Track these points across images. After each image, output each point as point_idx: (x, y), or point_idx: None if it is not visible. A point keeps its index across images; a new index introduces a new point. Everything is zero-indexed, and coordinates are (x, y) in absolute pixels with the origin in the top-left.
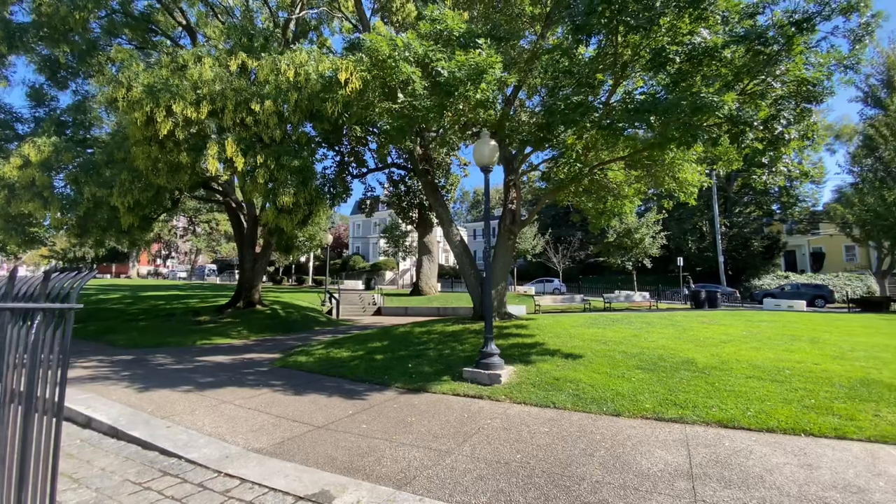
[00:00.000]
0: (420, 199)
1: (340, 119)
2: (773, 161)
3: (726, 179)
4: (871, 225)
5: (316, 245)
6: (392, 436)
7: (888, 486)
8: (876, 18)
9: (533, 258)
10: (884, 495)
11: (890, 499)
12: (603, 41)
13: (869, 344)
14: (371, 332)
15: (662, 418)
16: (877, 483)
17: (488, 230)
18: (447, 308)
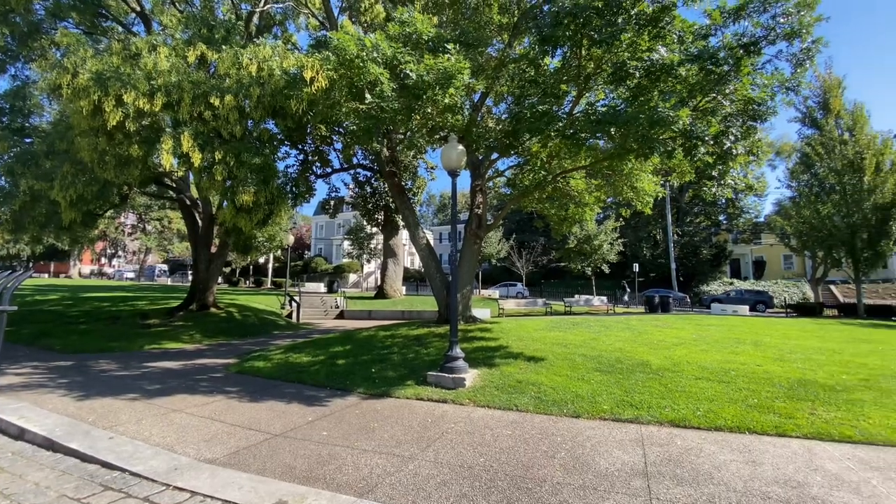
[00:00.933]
0: (386, 200)
1: (305, 117)
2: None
3: (679, 190)
4: (806, 236)
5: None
6: (354, 442)
7: (824, 480)
8: (816, 44)
9: (498, 262)
10: (821, 489)
11: (827, 493)
12: (568, 53)
13: (805, 347)
14: (333, 337)
15: (619, 419)
16: (814, 478)
17: (455, 234)
18: (412, 311)
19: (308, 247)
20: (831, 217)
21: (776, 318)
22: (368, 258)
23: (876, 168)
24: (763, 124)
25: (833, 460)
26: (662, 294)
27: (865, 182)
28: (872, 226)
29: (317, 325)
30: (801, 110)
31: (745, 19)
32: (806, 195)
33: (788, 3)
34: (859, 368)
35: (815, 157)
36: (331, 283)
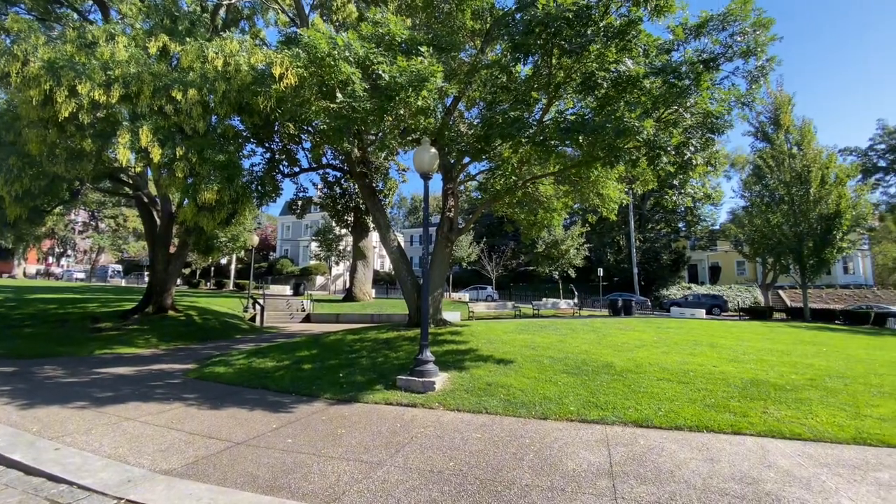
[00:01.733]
0: (356, 202)
1: (273, 115)
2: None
3: (641, 198)
4: (757, 243)
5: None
6: (320, 449)
7: (777, 476)
8: (770, 62)
9: (468, 266)
10: (774, 485)
11: (780, 488)
12: (539, 61)
13: (757, 348)
14: (299, 341)
15: (586, 420)
16: (768, 474)
17: (427, 237)
18: (381, 315)
19: (273, 248)
20: (780, 226)
21: (730, 321)
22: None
23: (821, 181)
24: (720, 137)
25: (785, 457)
26: (625, 298)
27: (811, 193)
28: (817, 234)
29: (282, 328)
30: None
31: (705, 36)
32: (758, 205)
33: (745, 22)
34: (806, 369)
35: (767, 170)
36: (297, 285)
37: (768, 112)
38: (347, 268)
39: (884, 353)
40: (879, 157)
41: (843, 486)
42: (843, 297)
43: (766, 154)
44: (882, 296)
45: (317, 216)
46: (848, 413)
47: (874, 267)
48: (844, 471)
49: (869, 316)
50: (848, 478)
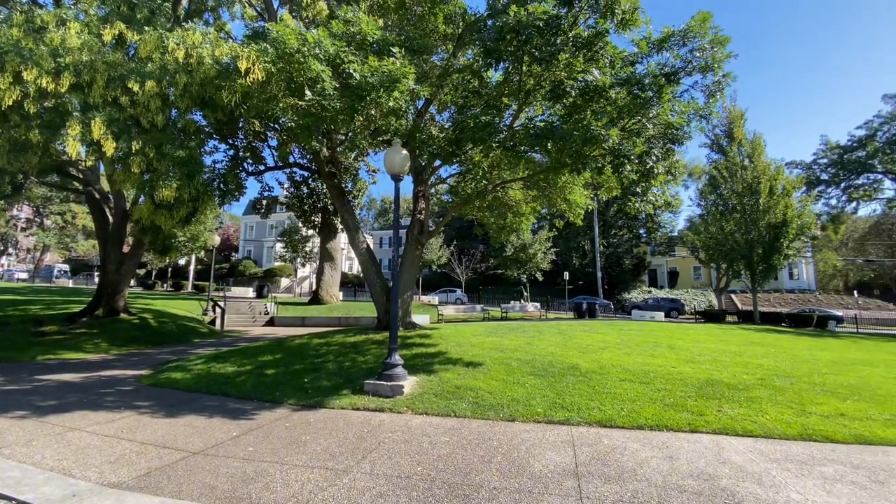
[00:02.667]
0: (324, 202)
1: (238, 110)
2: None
3: (605, 205)
4: (712, 250)
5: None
6: (284, 457)
7: (732, 472)
8: (726, 78)
9: (438, 268)
10: (729, 481)
11: (734, 483)
12: (510, 68)
13: (712, 349)
14: (262, 345)
15: (552, 421)
16: (723, 470)
17: (397, 239)
18: (349, 318)
19: (236, 248)
20: (733, 233)
21: (687, 323)
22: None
23: (770, 191)
24: (680, 147)
25: (738, 453)
26: (589, 301)
27: (761, 203)
28: (766, 242)
29: (244, 332)
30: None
31: (667, 51)
32: (712, 213)
33: (704, 39)
34: (756, 369)
35: (721, 180)
36: (260, 287)
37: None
38: (314, 270)
39: (825, 353)
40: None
41: (792, 480)
42: (788, 301)
43: (721, 165)
44: (823, 300)
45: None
46: (794, 410)
47: (816, 273)
48: (792, 465)
49: (812, 319)
50: (796, 472)
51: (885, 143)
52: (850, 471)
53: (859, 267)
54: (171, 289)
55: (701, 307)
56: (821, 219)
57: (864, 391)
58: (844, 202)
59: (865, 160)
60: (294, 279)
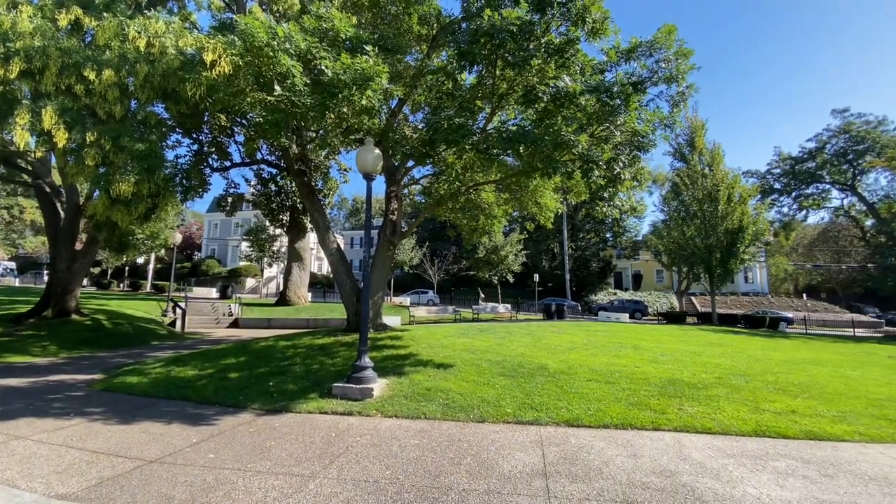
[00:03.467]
0: (293, 201)
1: (203, 103)
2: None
3: (574, 209)
4: (674, 254)
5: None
6: (246, 464)
7: (692, 468)
8: (689, 89)
9: (410, 270)
10: (689, 476)
11: (694, 479)
12: (483, 71)
13: (673, 350)
14: (225, 347)
15: (521, 421)
16: (684, 466)
17: (368, 239)
18: (318, 319)
19: (199, 247)
20: (693, 238)
21: (650, 324)
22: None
23: (728, 199)
24: (645, 154)
25: (698, 450)
26: (558, 302)
27: (719, 210)
28: (724, 247)
29: (206, 334)
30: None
31: (634, 60)
32: (675, 219)
33: (669, 51)
34: (714, 368)
35: (683, 187)
36: (224, 287)
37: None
38: (281, 270)
39: (777, 353)
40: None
41: (747, 474)
42: (744, 303)
43: (683, 173)
44: (775, 302)
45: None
46: (749, 408)
47: (769, 277)
48: (748, 461)
49: (765, 320)
50: (751, 467)
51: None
52: (801, 465)
53: (808, 271)
54: (129, 289)
55: (663, 309)
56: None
57: (814, 389)
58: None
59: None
60: (260, 279)
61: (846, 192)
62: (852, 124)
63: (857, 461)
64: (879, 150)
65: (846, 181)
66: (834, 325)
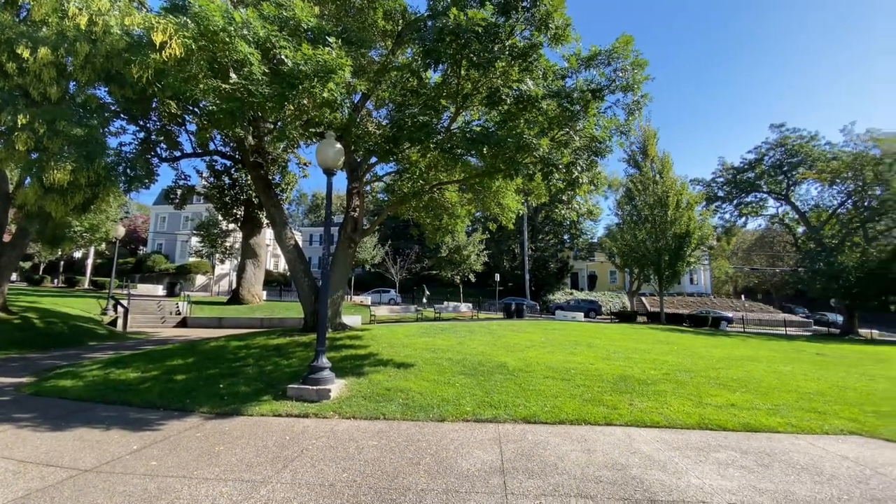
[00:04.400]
0: (248, 194)
1: (151, 88)
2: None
3: (534, 211)
4: (626, 256)
5: (100, 238)
6: (193, 471)
7: (641, 461)
8: (644, 98)
9: (372, 268)
10: (639, 469)
11: (643, 472)
12: (448, 70)
13: (625, 347)
14: (171, 348)
15: (480, 419)
16: (634, 460)
17: (328, 236)
18: (273, 319)
19: (144, 241)
20: (644, 241)
21: (603, 323)
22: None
23: (676, 205)
24: (602, 160)
25: (647, 443)
26: (518, 302)
27: (669, 215)
28: (672, 250)
29: (151, 334)
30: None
31: (594, 68)
32: (628, 223)
33: (626, 60)
34: (662, 365)
35: (636, 192)
36: (172, 285)
37: (639, 143)
38: (235, 267)
39: (719, 350)
40: (719, 188)
41: (691, 466)
42: (689, 303)
43: (636, 179)
44: (717, 303)
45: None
46: (693, 402)
47: (712, 279)
48: (692, 453)
49: (708, 319)
50: (695, 459)
51: (769, 166)
52: (739, 456)
53: (746, 274)
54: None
55: (616, 308)
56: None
57: (751, 384)
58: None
59: (754, 181)
60: (211, 277)
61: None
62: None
63: (790, 451)
64: (811, 164)
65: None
66: (768, 325)
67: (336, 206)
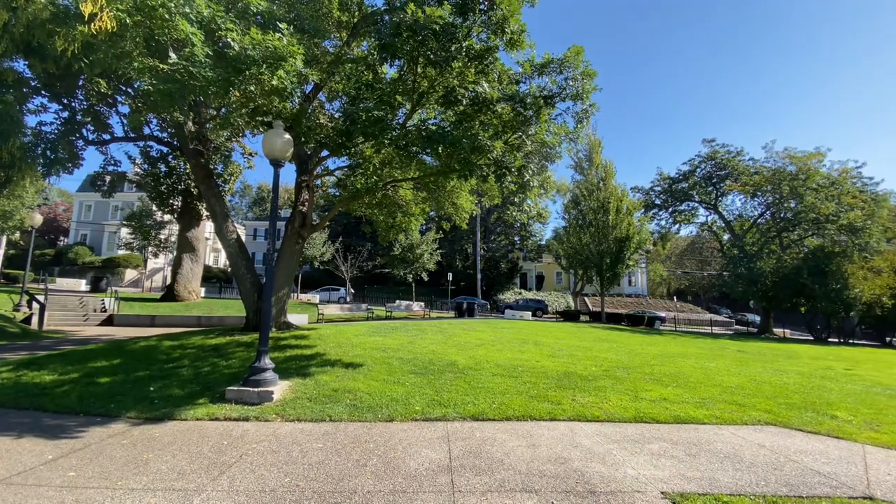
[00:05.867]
0: (187, 184)
1: (77, 64)
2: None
3: (487, 212)
4: (571, 258)
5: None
6: (117, 481)
7: (582, 454)
8: (592, 107)
9: (321, 265)
10: (580, 462)
11: (584, 464)
12: (405, 67)
13: (569, 345)
14: (95, 348)
15: (429, 418)
16: (575, 453)
17: (273, 231)
18: (212, 317)
19: (66, 232)
20: (588, 245)
21: (550, 322)
22: (156, 251)
23: (617, 211)
24: (552, 165)
25: (588, 437)
26: (469, 301)
27: (610, 220)
28: (613, 253)
29: (72, 333)
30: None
31: (546, 76)
32: (573, 226)
33: (577, 70)
34: (603, 362)
35: (581, 198)
36: (97, 279)
37: (585, 150)
38: (170, 261)
39: (654, 348)
40: (656, 196)
41: (628, 457)
42: (627, 303)
43: (582, 185)
44: (653, 303)
45: (131, 196)
46: (630, 397)
47: (648, 281)
48: (628, 445)
49: (644, 318)
50: (631, 451)
51: (701, 178)
52: (670, 447)
53: (678, 277)
54: None
55: (561, 308)
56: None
57: (681, 379)
58: (670, 223)
59: (687, 191)
60: (143, 272)
61: (710, 211)
62: (718, 152)
63: (714, 441)
64: (737, 177)
65: (711, 201)
66: (697, 324)
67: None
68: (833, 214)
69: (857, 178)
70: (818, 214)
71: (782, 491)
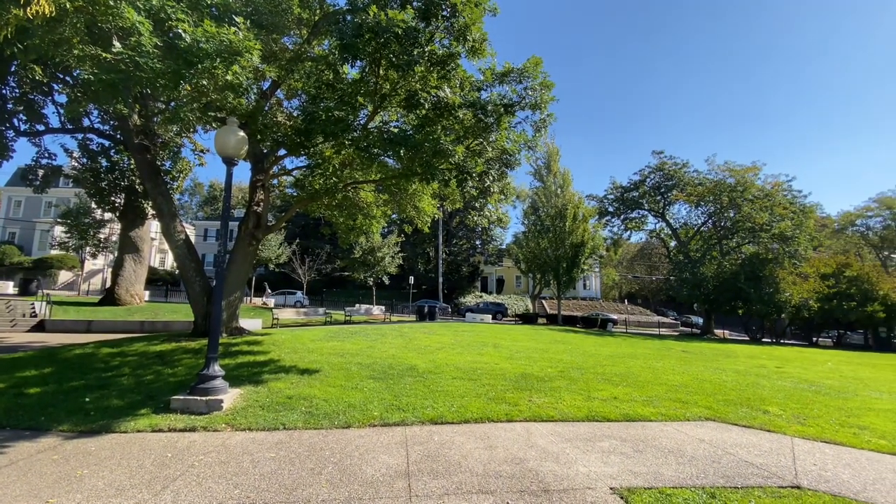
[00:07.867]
0: (131, 181)
1: (10, 49)
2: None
3: (449, 216)
4: (530, 262)
5: None
6: (48, 499)
7: (537, 454)
8: (549, 117)
9: (276, 268)
10: (535, 462)
11: (539, 464)
12: (367, 68)
13: (526, 347)
14: (23, 356)
15: (388, 423)
16: (531, 453)
17: (225, 231)
18: (156, 322)
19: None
20: (546, 250)
21: (509, 324)
22: (95, 252)
23: (573, 217)
24: (511, 171)
25: (542, 437)
26: (430, 304)
27: (567, 226)
28: (569, 258)
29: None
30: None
31: (506, 85)
32: (532, 231)
33: (536, 80)
34: (558, 363)
35: (540, 204)
36: (26, 281)
37: (544, 158)
38: (110, 262)
39: (606, 349)
40: (609, 204)
41: (580, 455)
42: (582, 306)
43: (540, 192)
44: (605, 306)
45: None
46: (583, 397)
47: (601, 285)
48: (581, 443)
49: (597, 321)
50: (583, 449)
51: (650, 188)
52: (620, 444)
53: (629, 281)
54: None
55: (520, 311)
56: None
57: (630, 378)
58: (622, 230)
59: (637, 199)
60: (80, 273)
61: (658, 219)
62: (665, 164)
63: (660, 437)
64: (682, 187)
65: (659, 210)
66: (646, 326)
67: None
68: (767, 224)
69: (787, 191)
70: (754, 224)
71: (720, 482)
